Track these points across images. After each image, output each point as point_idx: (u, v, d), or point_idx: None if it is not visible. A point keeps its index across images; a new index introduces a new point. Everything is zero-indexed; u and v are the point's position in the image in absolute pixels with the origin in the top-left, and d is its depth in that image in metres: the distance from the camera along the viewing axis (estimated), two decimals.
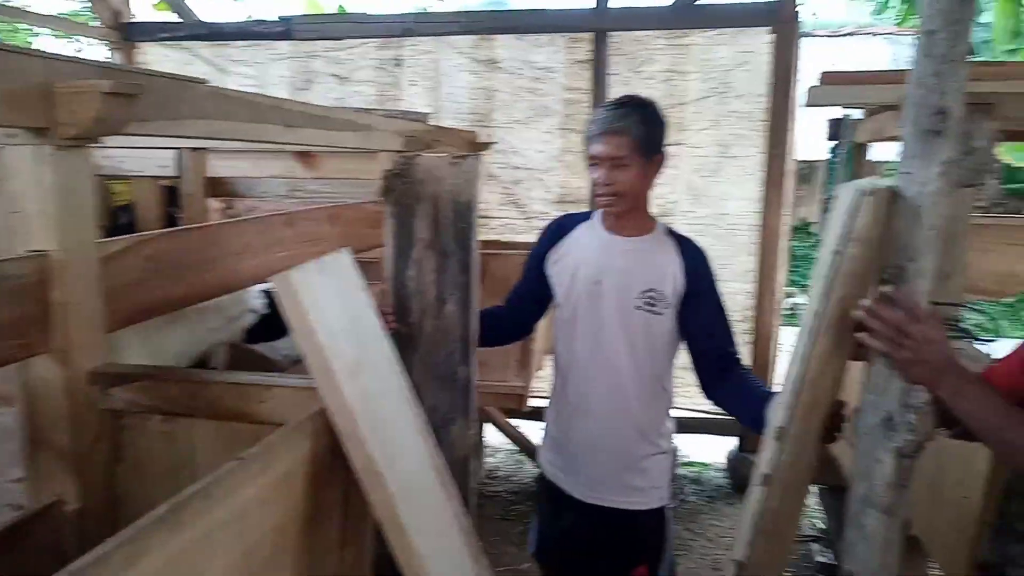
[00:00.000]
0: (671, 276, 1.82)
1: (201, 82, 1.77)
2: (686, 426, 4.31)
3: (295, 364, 2.36)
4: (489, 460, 4.41)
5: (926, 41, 1.22)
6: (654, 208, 4.14)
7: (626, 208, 1.83)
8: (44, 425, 1.37)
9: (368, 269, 3.20)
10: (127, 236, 1.57)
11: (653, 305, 1.80)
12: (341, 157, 3.36)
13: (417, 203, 1.65)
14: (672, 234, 1.90)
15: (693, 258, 1.84)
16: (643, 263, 1.83)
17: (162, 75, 1.66)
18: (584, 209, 2.05)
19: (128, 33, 4.67)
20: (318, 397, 1.13)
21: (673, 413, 2.01)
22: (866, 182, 1.29)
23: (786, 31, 3.82)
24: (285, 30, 4.48)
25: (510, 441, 4.23)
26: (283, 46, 4.57)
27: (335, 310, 1.15)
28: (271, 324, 2.33)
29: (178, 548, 0.82)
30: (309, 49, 4.55)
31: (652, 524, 1.92)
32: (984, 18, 8.79)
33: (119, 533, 0.78)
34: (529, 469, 4.31)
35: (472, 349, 1.73)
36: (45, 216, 1.34)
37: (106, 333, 1.44)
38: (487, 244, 4.11)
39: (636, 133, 1.75)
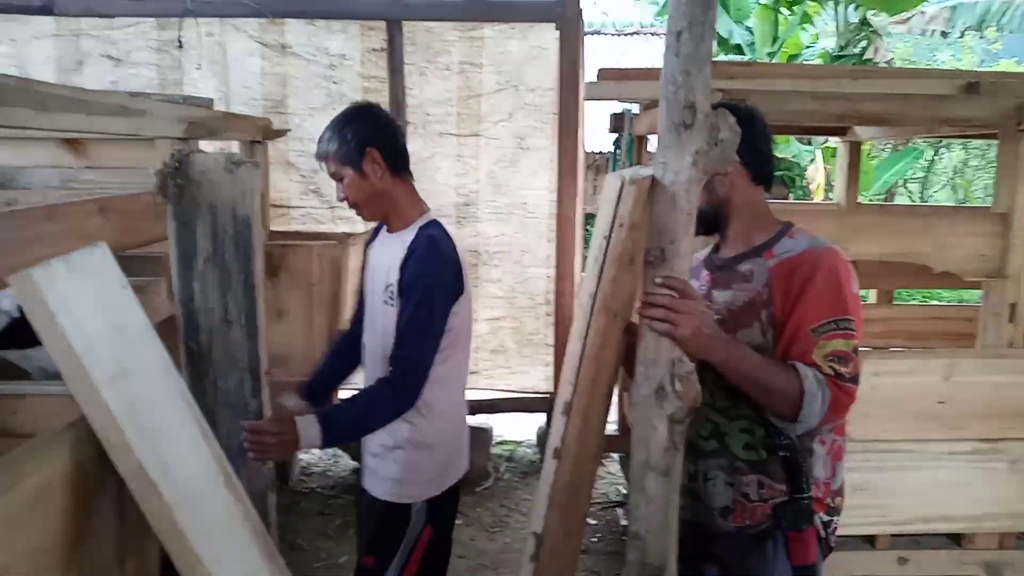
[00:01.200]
0: (396, 270, 1.85)
1: None
2: (497, 407, 4.45)
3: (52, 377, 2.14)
4: (303, 456, 4.28)
5: (674, 42, 1.34)
6: (456, 196, 4.26)
7: (369, 214, 1.93)
8: None
9: (150, 264, 2.98)
10: None
11: (392, 299, 1.84)
12: (116, 145, 3.09)
13: (196, 209, 1.55)
14: (420, 228, 1.88)
15: (411, 251, 1.83)
16: (389, 257, 1.87)
17: None
18: None
19: None
20: (77, 406, 1.04)
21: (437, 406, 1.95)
22: (629, 171, 1.39)
23: (571, 27, 4.00)
24: (45, 5, 4.04)
25: None
26: (47, 22, 4.12)
27: (90, 311, 1.07)
28: (25, 329, 2.09)
29: None
30: (77, 27, 4.14)
31: (387, 514, 1.92)
32: (748, 22, 9.74)
33: None
34: (345, 462, 4.24)
35: (262, 383, 1.65)
36: None
37: None
38: (288, 235, 3.97)
39: (331, 150, 1.86)
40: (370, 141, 1.82)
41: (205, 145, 3.13)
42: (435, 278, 1.79)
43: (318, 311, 3.09)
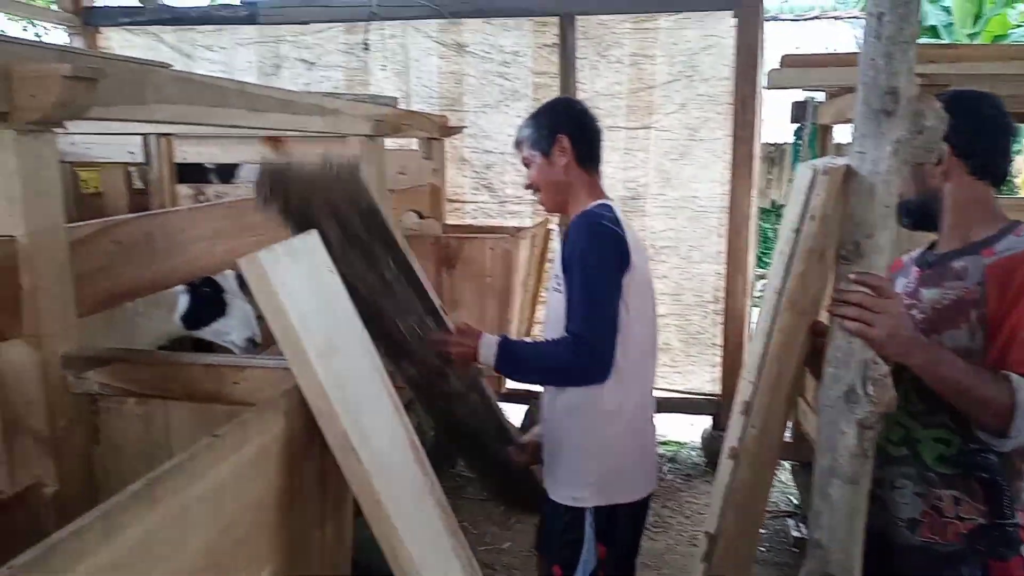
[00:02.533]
0: (558, 256, 1.88)
1: (165, 66, 1.77)
2: (661, 406, 4.38)
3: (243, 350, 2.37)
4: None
5: (875, 23, 1.26)
6: (624, 190, 4.23)
7: (549, 200, 1.96)
8: (19, 410, 1.38)
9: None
10: (95, 220, 1.56)
11: (559, 284, 1.84)
12: (310, 141, 3.34)
13: (309, 207, 1.57)
14: (584, 210, 1.88)
15: (567, 231, 1.85)
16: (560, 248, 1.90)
17: (124, 59, 1.66)
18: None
19: (89, 17, 4.59)
20: (292, 377, 1.15)
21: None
22: (821, 161, 1.33)
23: (749, 15, 3.86)
24: (250, 14, 4.44)
25: None
26: (249, 31, 4.52)
27: (305, 292, 1.17)
28: (199, 309, 2.36)
29: (154, 523, 0.84)
30: (275, 34, 4.52)
31: (553, 514, 1.89)
32: (946, 1, 8.94)
33: (96, 508, 0.79)
34: None
35: (443, 318, 1.85)
36: (10, 201, 1.33)
37: (79, 318, 1.44)
38: (460, 228, 4.12)
39: (525, 136, 1.93)
40: (561, 128, 1.89)
41: (387, 142, 3.31)
42: (593, 248, 1.76)
43: (490, 302, 3.19)
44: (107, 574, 0.77)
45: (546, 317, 1.97)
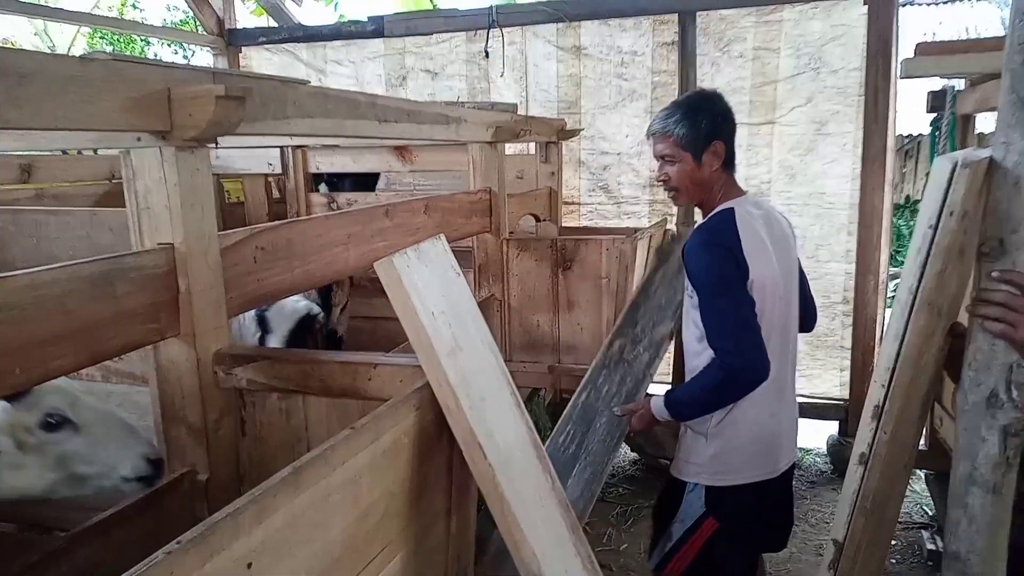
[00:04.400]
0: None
1: (303, 83, 1.88)
2: None
3: None
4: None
5: (1021, 3, 1.19)
6: (750, 188, 4.12)
7: (685, 199, 1.98)
8: (176, 402, 1.52)
9: (459, 257, 3.30)
10: (242, 228, 1.69)
11: (692, 294, 1.88)
12: (433, 150, 3.46)
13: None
14: (695, 231, 1.92)
15: (687, 250, 1.87)
16: None
17: (268, 78, 1.78)
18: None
19: (231, 39, 4.94)
20: (421, 374, 1.21)
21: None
22: (962, 153, 1.26)
23: (883, 2, 3.67)
24: (377, 28, 4.64)
25: None
26: (376, 44, 4.73)
27: (434, 293, 1.23)
28: (304, 333, 2.54)
29: (301, 507, 0.91)
30: (401, 46, 4.70)
31: (668, 488, 2.09)
32: None
33: (248, 493, 0.87)
34: (625, 453, 4.34)
35: None
36: (170, 211, 1.47)
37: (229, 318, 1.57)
38: (577, 230, 4.14)
39: (676, 132, 1.90)
40: (719, 134, 1.87)
41: (508, 147, 3.38)
42: (706, 268, 1.80)
43: (607, 303, 3.19)
44: (259, 554, 0.85)
45: (684, 320, 2.03)
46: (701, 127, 1.86)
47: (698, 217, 2.38)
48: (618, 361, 2.41)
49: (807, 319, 2.09)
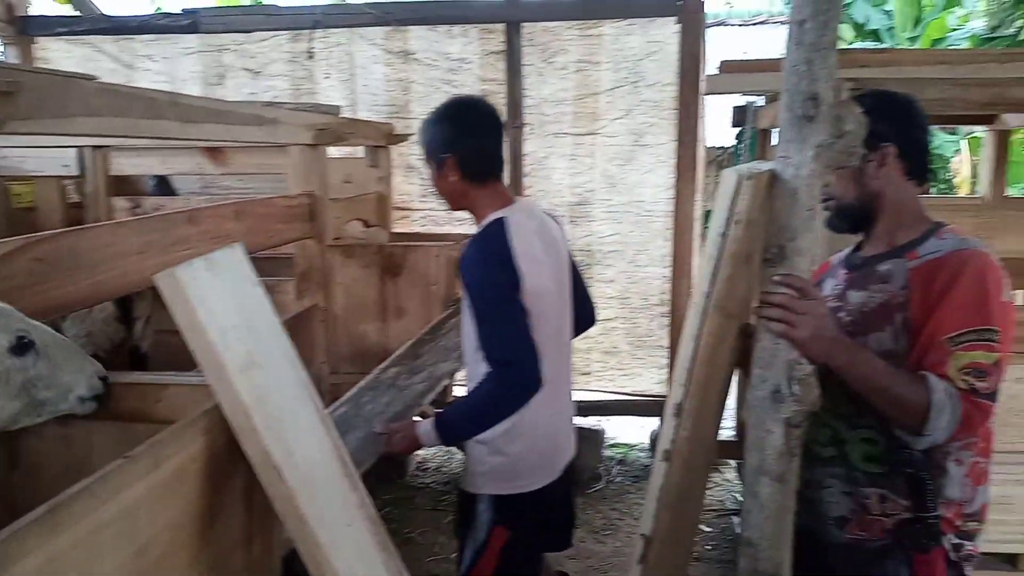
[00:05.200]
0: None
1: (89, 78, 1.71)
2: (610, 408, 4.42)
3: None
4: (419, 453, 4.41)
5: (796, 30, 1.29)
6: (571, 196, 4.26)
7: (451, 207, 1.96)
8: None
9: (280, 264, 3.15)
10: (15, 237, 1.51)
11: (466, 297, 1.86)
12: (251, 152, 3.30)
13: None
14: (480, 228, 1.90)
15: (462, 261, 1.85)
16: None
17: (44, 71, 1.61)
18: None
19: (24, 27, 4.46)
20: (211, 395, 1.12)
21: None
22: (747, 167, 1.35)
23: (692, 21, 3.91)
24: (191, 23, 4.36)
25: None
26: (191, 40, 4.44)
27: (226, 306, 1.15)
28: None
29: (60, 548, 0.82)
30: (219, 43, 4.44)
31: (459, 501, 2.03)
32: (888, 6, 9.17)
33: None
34: (460, 458, 4.34)
35: None
36: None
37: None
38: (408, 236, 4.10)
39: (422, 143, 1.93)
40: (450, 148, 1.84)
41: (332, 151, 3.28)
42: (479, 280, 1.78)
43: (436, 310, 3.18)
44: None
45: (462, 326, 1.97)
46: (437, 137, 1.86)
47: None
48: (390, 386, 2.30)
49: (584, 320, 2.12)
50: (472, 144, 1.86)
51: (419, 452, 4.39)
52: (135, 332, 2.67)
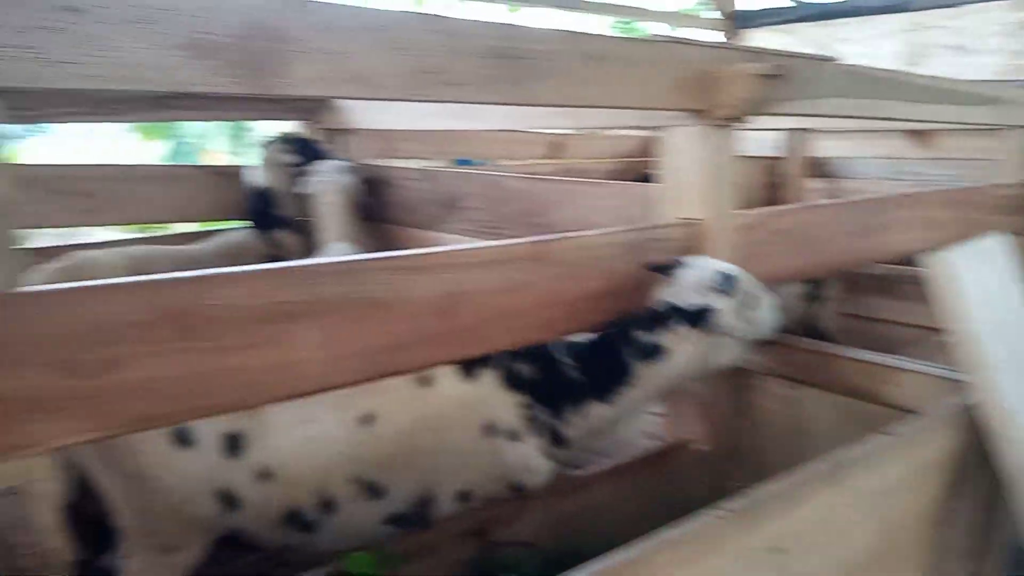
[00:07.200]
0: None
1: (828, 59, 1.78)
2: None
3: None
4: None
5: None
6: None
7: None
8: None
9: None
10: (758, 209, 1.67)
11: None
12: (960, 135, 3.01)
13: None
14: None
15: None
16: None
17: (797, 55, 1.71)
18: None
19: (737, 21, 4.91)
20: (953, 388, 1.06)
21: None
22: None
23: None
24: (901, 2, 4.19)
25: None
26: (893, 20, 4.28)
27: (991, 299, 1.05)
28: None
29: (832, 504, 0.86)
30: (922, 20, 4.18)
31: None
32: None
33: (778, 477, 0.84)
34: None
35: None
36: (697, 188, 1.51)
37: None
38: None
39: None
40: None
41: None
42: None
43: None
44: (787, 538, 0.82)
45: None
46: None
47: None
48: None
49: None
50: None
51: None
52: (815, 311, 2.73)
